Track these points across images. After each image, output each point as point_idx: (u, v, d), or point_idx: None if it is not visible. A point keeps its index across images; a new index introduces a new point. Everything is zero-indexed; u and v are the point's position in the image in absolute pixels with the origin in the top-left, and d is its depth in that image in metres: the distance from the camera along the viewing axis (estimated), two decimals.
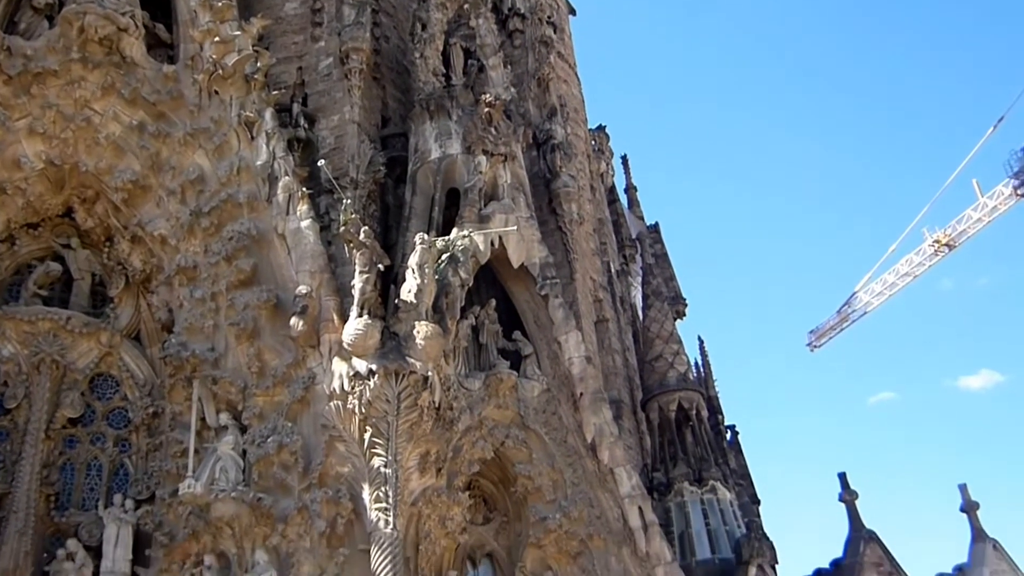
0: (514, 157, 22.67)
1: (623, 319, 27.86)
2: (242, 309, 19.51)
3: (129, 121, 21.11)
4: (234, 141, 20.94)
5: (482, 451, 19.97)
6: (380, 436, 17.80)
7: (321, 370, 18.74)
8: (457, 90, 23.35)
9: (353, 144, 22.50)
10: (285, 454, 18.40)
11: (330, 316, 18.96)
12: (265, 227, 20.22)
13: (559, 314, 21.57)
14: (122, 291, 21.42)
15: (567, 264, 24.55)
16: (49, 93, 20.73)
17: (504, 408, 20.51)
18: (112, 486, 20.04)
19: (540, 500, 20.18)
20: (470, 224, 21.00)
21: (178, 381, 19.81)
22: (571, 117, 28.37)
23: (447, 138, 22.52)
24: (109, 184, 21.04)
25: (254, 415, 18.94)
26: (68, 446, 20.27)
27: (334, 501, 17.78)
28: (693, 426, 24.76)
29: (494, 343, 21.27)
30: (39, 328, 20.45)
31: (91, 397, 20.75)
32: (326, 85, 23.53)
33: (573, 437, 20.90)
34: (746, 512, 24.20)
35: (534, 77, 27.45)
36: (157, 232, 20.87)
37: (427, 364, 18.19)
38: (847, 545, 23.35)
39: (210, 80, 21.27)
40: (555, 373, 21.39)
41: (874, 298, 68.14)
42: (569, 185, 25.75)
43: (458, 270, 19.99)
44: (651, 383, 25.57)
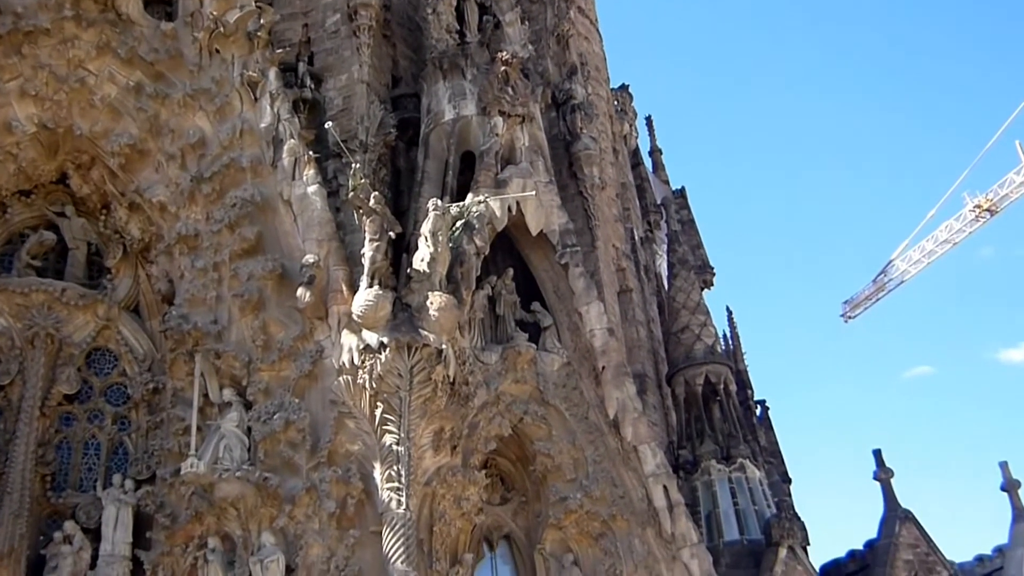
0: (532, 118, 22.62)
1: (647, 289, 27.84)
2: (246, 279, 19.55)
3: (126, 82, 21.11)
4: (236, 102, 20.91)
5: (499, 428, 20.02)
6: (392, 412, 17.88)
7: (329, 343, 18.79)
8: (472, 48, 23.27)
9: (362, 105, 22.49)
10: (292, 431, 18.46)
11: (339, 286, 18.98)
12: (270, 193, 20.21)
13: (580, 284, 21.54)
14: (119, 261, 21.47)
15: (588, 231, 24.54)
16: (41, 53, 20.72)
17: (522, 383, 20.52)
18: (111, 466, 20.17)
19: (560, 479, 20.21)
20: (486, 189, 20.94)
21: (179, 355, 19.88)
22: (592, 76, 28.29)
23: (461, 99, 22.48)
24: (105, 148, 21.05)
25: (259, 391, 18.98)
26: (64, 424, 20.40)
27: (344, 481, 17.86)
28: (721, 401, 24.73)
29: (511, 314, 21.27)
30: (33, 300, 20.53)
31: (88, 373, 20.85)
32: (333, 43, 23.52)
33: (595, 413, 20.90)
34: (776, 491, 24.18)
35: (553, 34, 27.33)
36: (156, 199, 20.87)
37: (441, 337, 18.23)
38: (882, 525, 23.37)
39: (211, 38, 21.21)
40: (576, 346, 21.37)
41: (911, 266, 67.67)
42: (590, 148, 25.65)
43: (473, 238, 19.99)
44: (677, 356, 25.53)
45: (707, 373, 24.92)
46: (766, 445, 26.14)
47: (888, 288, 69.24)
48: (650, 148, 35.65)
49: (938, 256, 66.54)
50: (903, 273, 68.25)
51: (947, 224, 65.72)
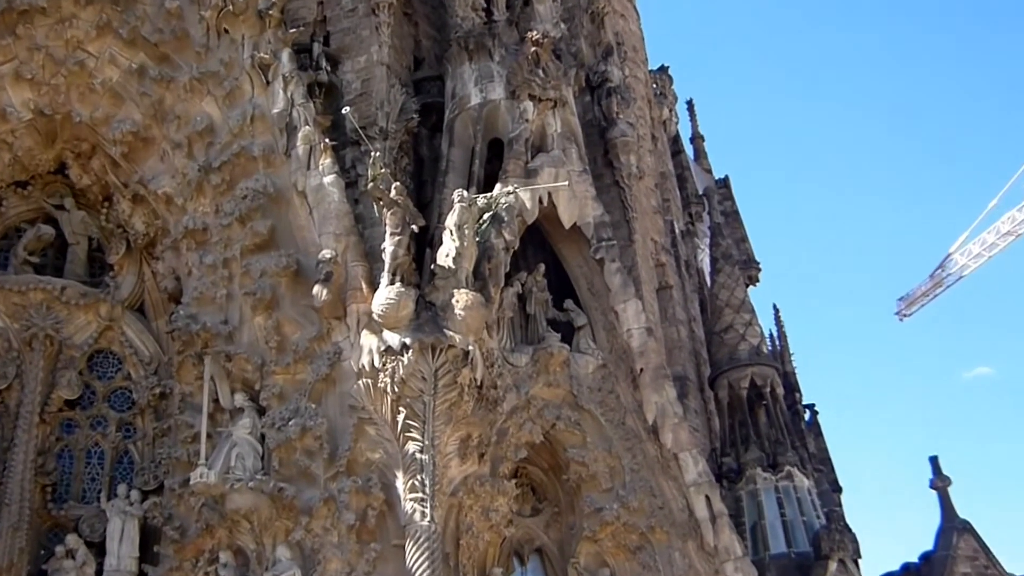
0: (565, 103, 22.64)
1: (688, 285, 27.84)
2: (258, 276, 19.59)
3: (128, 64, 21.24)
4: (247, 86, 20.98)
5: (530, 434, 20.05)
6: (415, 418, 17.92)
7: (348, 345, 18.85)
8: (500, 27, 23.32)
9: (382, 89, 22.49)
10: (309, 439, 18.53)
11: (358, 284, 19.06)
12: (283, 184, 20.27)
13: (616, 280, 21.58)
14: (123, 257, 21.67)
15: (625, 224, 24.47)
16: (37, 33, 20.89)
17: (555, 386, 20.57)
18: (115, 475, 20.37)
19: (595, 489, 20.24)
20: (515, 179, 20.99)
21: (187, 358, 19.98)
22: (629, 57, 28.22)
23: (488, 81, 22.54)
24: (106, 136, 21.21)
25: (273, 395, 19.05)
26: (65, 431, 20.60)
27: (364, 491, 17.91)
28: (767, 405, 24.72)
29: (543, 313, 21.31)
30: (30, 299, 20.70)
31: (90, 376, 21.04)
32: (351, 22, 23.53)
33: (632, 418, 20.94)
34: (826, 501, 24.17)
35: (587, 11, 27.27)
36: (161, 190, 21.01)
37: (467, 337, 18.26)
38: (938, 536, 23.25)
39: (219, 17, 21.26)
40: (612, 347, 21.42)
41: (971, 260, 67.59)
42: (627, 134, 25.56)
43: (502, 231, 20.01)
44: (720, 357, 25.53)
45: (752, 375, 24.90)
46: (815, 452, 26.15)
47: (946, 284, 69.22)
48: (691, 134, 35.74)
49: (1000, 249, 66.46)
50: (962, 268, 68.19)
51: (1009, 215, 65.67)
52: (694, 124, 36.01)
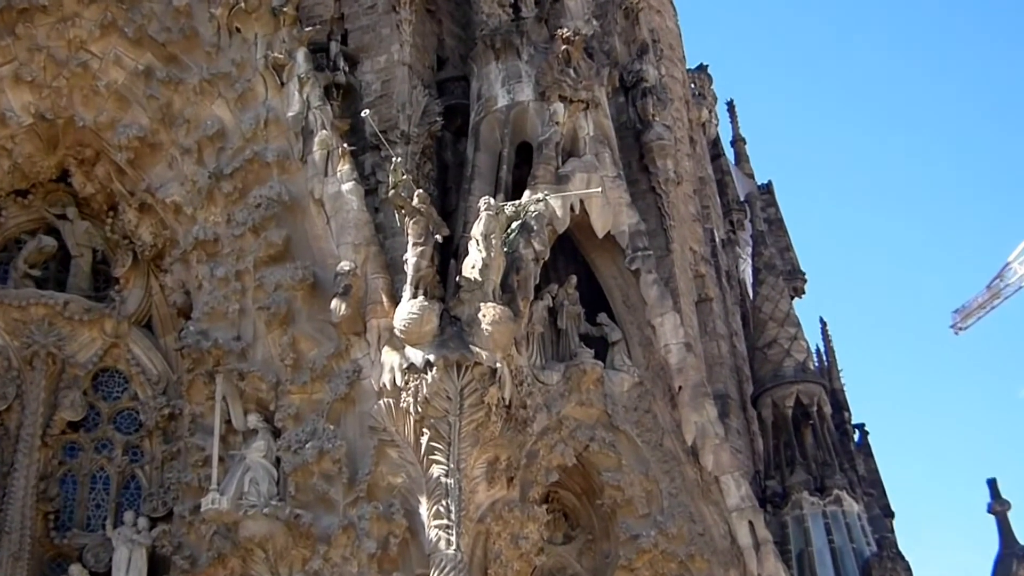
0: (597, 104, 22.78)
1: (730, 298, 27.89)
2: (273, 290, 19.66)
3: (134, 65, 21.37)
4: (260, 88, 21.11)
5: (562, 457, 20.13)
6: (440, 440, 17.99)
7: (368, 362, 18.94)
8: (528, 24, 23.42)
9: (403, 90, 22.72)
10: (327, 462, 18.60)
11: (378, 297, 19.18)
12: (299, 191, 20.39)
13: (653, 292, 21.66)
14: (129, 270, 21.79)
15: (662, 232, 24.60)
16: (38, 33, 21.04)
17: (588, 405, 20.65)
18: (122, 501, 20.52)
19: (631, 514, 20.29)
20: (545, 185, 21.10)
21: (198, 377, 20.09)
22: (665, 55, 28.28)
23: (516, 82, 22.65)
24: (111, 142, 21.34)
25: (289, 416, 19.13)
26: (69, 455, 20.73)
27: (386, 517, 17.99)
28: (814, 425, 24.70)
29: (575, 328, 21.40)
30: (31, 315, 20.84)
31: (95, 397, 21.20)
32: (370, 19, 23.71)
33: (670, 439, 21.01)
34: (877, 526, 24.17)
35: (620, 7, 27.35)
36: (170, 199, 21.09)
37: (495, 354, 18.35)
38: (997, 564, 23.27)
39: (230, 14, 21.37)
40: (648, 363, 21.51)
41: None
42: (664, 137, 25.66)
43: (531, 241, 20.13)
44: (763, 374, 25.52)
45: (798, 393, 24.87)
46: (865, 474, 26.14)
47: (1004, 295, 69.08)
48: (732, 137, 35.75)
49: None
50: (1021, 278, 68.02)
51: None
52: (735, 126, 36.01)
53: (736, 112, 36.14)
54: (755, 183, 34.14)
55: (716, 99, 34.32)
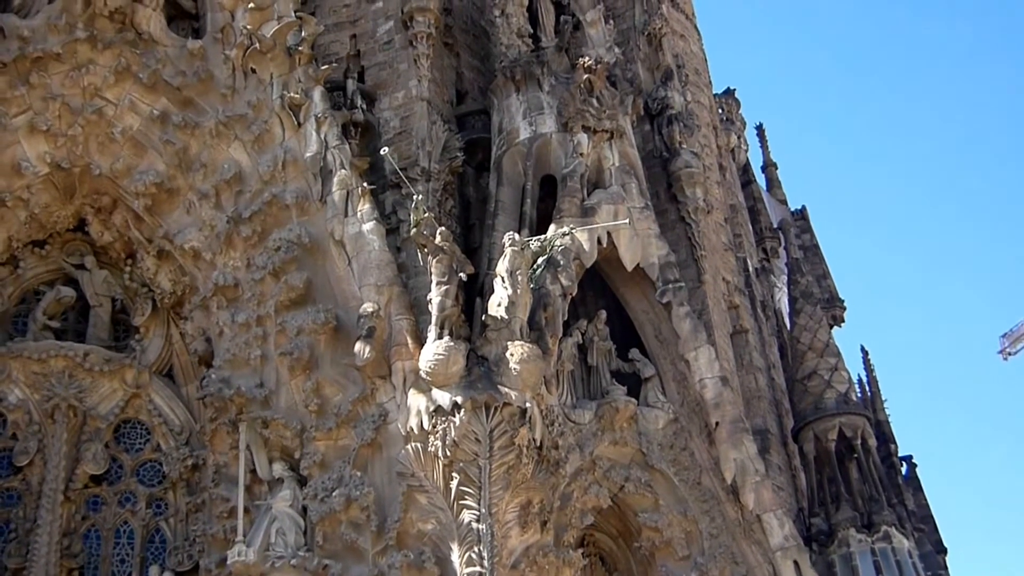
0: (622, 133, 22.83)
1: (766, 329, 27.78)
2: (295, 335, 19.66)
3: (149, 111, 21.52)
4: (277, 129, 21.20)
5: (596, 498, 20.10)
6: (470, 484, 17.93)
7: (394, 406, 18.93)
8: (548, 54, 23.54)
9: (423, 126, 22.80)
10: (355, 510, 18.56)
11: (403, 339, 19.16)
12: (319, 233, 20.41)
13: (686, 326, 21.61)
14: (148, 319, 21.87)
15: (693, 263, 24.58)
16: (52, 82, 21.18)
17: (622, 444, 20.65)
18: (147, 556, 20.49)
19: (671, 557, 20.22)
20: (571, 218, 21.11)
21: (221, 426, 20.07)
22: (691, 80, 28.34)
23: (538, 113, 22.71)
24: (128, 189, 21.44)
25: (315, 463, 19.12)
26: (92, 509, 20.71)
27: (417, 566, 17.89)
28: (859, 459, 24.56)
29: (606, 364, 21.42)
30: (51, 367, 20.90)
31: (117, 449, 21.18)
32: (387, 55, 23.87)
33: (709, 477, 20.93)
34: (929, 564, 24.04)
35: (643, 33, 27.42)
36: (188, 244, 21.17)
37: (524, 393, 18.29)
38: None
39: (245, 56, 21.53)
40: (683, 399, 21.47)
41: None
42: (692, 165, 25.65)
43: (558, 276, 20.10)
44: (804, 407, 25.40)
45: (841, 426, 24.75)
46: (915, 509, 25.96)
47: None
48: (763, 163, 35.75)
49: None
50: None
51: None
52: (765, 151, 36.00)
53: (766, 136, 36.21)
54: (788, 209, 34.09)
55: (745, 124, 34.38)
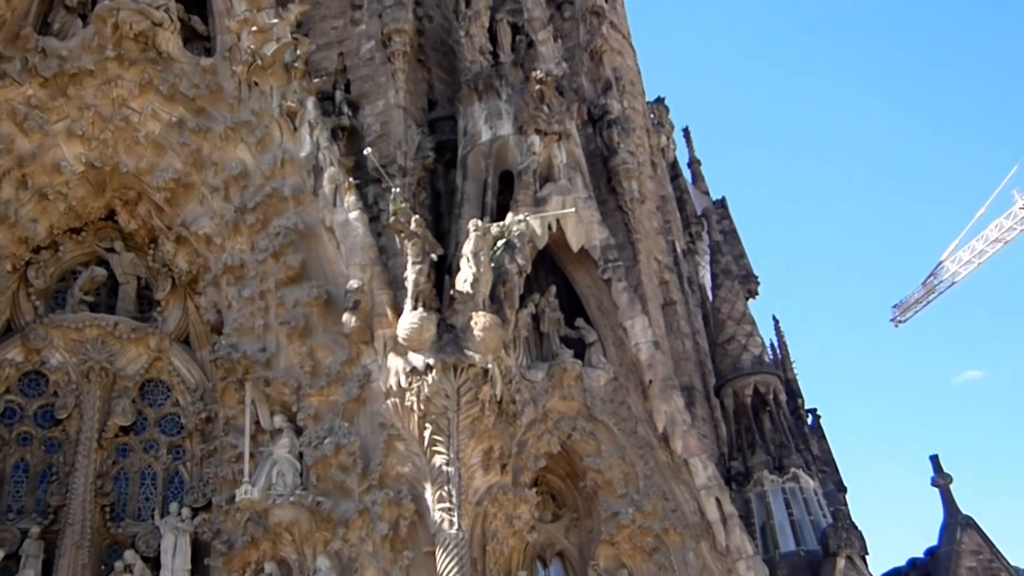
0: (569, 135, 22.68)
1: (692, 301, 27.69)
2: (292, 307, 19.65)
3: (168, 118, 21.37)
4: (276, 133, 21.11)
5: (548, 445, 19.97)
6: (441, 433, 17.88)
7: (376, 367, 18.86)
8: (506, 68, 23.35)
9: (399, 130, 22.63)
10: (343, 455, 18.52)
11: (383, 310, 19.10)
12: (312, 220, 20.38)
13: (623, 298, 21.52)
14: (169, 294, 21.74)
15: (630, 245, 24.45)
16: (86, 93, 21.05)
17: (569, 399, 20.49)
18: (167, 494, 20.39)
19: (611, 494, 20.09)
20: (525, 208, 21.00)
21: (230, 384, 20.02)
22: (627, 90, 28.14)
23: (497, 119, 22.56)
24: (151, 184, 21.32)
25: (309, 416, 19.07)
26: (121, 455, 20.62)
27: (396, 503, 17.89)
28: (771, 411, 24.59)
29: (556, 332, 21.25)
30: (86, 335, 20.85)
31: (142, 404, 21.08)
32: (369, 70, 23.68)
33: (643, 427, 20.82)
34: (831, 501, 23.96)
35: (586, 50, 27.28)
36: (202, 231, 21.09)
37: (486, 356, 18.22)
38: (942, 532, 22.93)
39: (249, 71, 21.44)
40: (622, 360, 21.33)
41: (962, 267, 67.16)
42: (628, 162, 25.55)
43: (515, 256, 20.02)
44: (724, 367, 25.40)
45: (755, 383, 24.79)
46: (819, 454, 25.93)
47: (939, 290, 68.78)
48: (688, 159, 35.39)
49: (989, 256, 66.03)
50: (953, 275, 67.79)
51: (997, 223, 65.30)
52: (691, 149, 35.70)
53: (691, 137, 35.95)
54: (710, 199, 33.92)
55: (673, 127, 34.13)
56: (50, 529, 19.23)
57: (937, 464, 23.83)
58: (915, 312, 70.18)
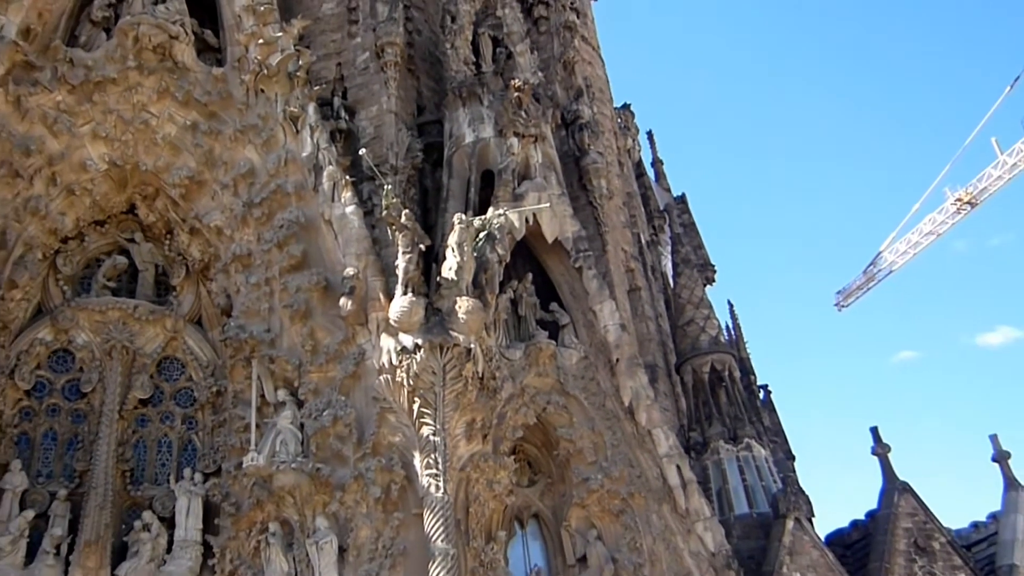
0: (544, 138, 22.60)
1: (655, 287, 27.64)
2: (294, 292, 19.60)
3: (183, 121, 21.26)
4: (280, 135, 21.01)
5: (525, 417, 19.95)
6: (428, 406, 17.86)
7: (370, 346, 18.82)
8: (487, 77, 23.30)
9: (391, 133, 22.58)
10: (340, 426, 18.50)
11: (376, 295, 19.03)
12: (312, 214, 20.30)
13: (593, 285, 21.50)
14: (183, 280, 21.58)
15: (599, 237, 24.42)
16: (109, 99, 20.95)
17: (544, 376, 20.44)
18: (181, 461, 20.25)
19: (582, 462, 20.07)
20: (505, 203, 20.93)
21: (238, 361, 19.94)
22: (597, 97, 28.08)
23: (480, 123, 22.46)
24: (167, 181, 21.19)
25: (309, 390, 19.02)
26: (140, 425, 20.48)
27: (387, 469, 17.88)
28: (726, 387, 24.54)
29: (532, 315, 21.21)
30: (109, 317, 20.71)
31: (159, 379, 20.92)
32: (364, 79, 23.60)
33: (611, 401, 20.81)
34: (781, 468, 23.98)
35: (560, 61, 27.22)
36: (213, 223, 20.98)
37: (469, 337, 18.18)
38: (881, 497, 23.01)
39: (256, 79, 21.36)
40: (591, 341, 21.30)
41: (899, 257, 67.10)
42: (598, 162, 25.50)
43: (495, 247, 19.93)
44: (684, 347, 25.36)
45: (712, 362, 24.75)
46: (770, 426, 25.90)
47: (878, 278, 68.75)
48: (652, 160, 35.24)
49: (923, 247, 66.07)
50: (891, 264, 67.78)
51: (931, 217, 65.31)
52: (654, 151, 35.52)
53: (654, 140, 35.76)
54: (672, 196, 33.77)
55: (638, 130, 34.07)
56: (76, 492, 19.14)
57: (877, 435, 23.92)
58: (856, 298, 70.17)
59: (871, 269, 68.58)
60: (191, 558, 18.63)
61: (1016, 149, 60.22)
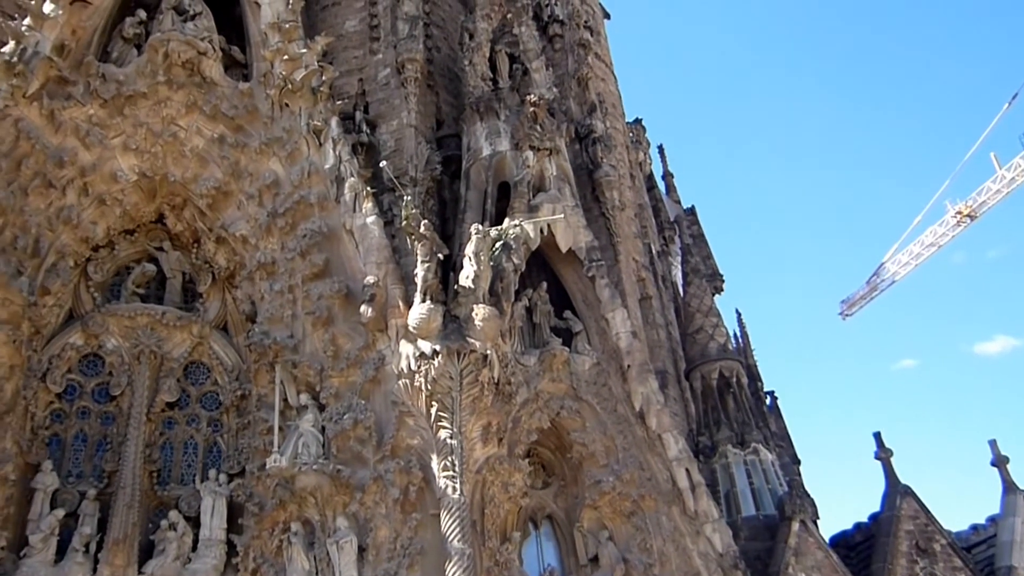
0: (559, 151, 22.56)
1: (665, 296, 27.61)
2: (317, 299, 19.54)
3: (211, 134, 21.23)
4: (304, 148, 20.97)
5: (539, 421, 19.86)
6: (445, 410, 17.79)
7: (390, 352, 18.76)
8: (504, 92, 23.29)
9: (411, 146, 22.65)
10: (360, 429, 18.42)
11: (396, 303, 18.97)
12: (335, 224, 20.23)
13: (605, 293, 21.41)
14: (210, 287, 21.52)
15: (611, 247, 24.37)
16: (140, 113, 20.92)
17: (558, 381, 20.36)
18: (207, 462, 20.14)
19: (594, 465, 19.99)
20: (520, 214, 20.92)
21: (262, 366, 19.87)
22: (610, 112, 28.12)
23: (496, 136, 22.45)
24: (195, 192, 21.16)
25: (331, 395, 18.96)
26: (167, 427, 20.37)
27: (406, 471, 17.78)
28: (734, 393, 24.51)
29: (547, 322, 21.13)
30: (138, 323, 20.62)
31: (186, 383, 20.81)
32: (385, 93, 23.70)
33: (622, 406, 20.72)
34: (787, 472, 23.91)
35: (574, 77, 27.24)
36: (239, 233, 20.93)
37: (486, 343, 18.13)
38: (884, 500, 22.96)
39: (281, 94, 21.33)
40: (604, 348, 21.21)
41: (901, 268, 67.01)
42: (610, 175, 25.48)
43: (511, 256, 19.92)
44: (693, 354, 25.33)
45: (721, 368, 24.74)
46: (776, 431, 25.87)
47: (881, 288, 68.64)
48: (663, 173, 35.17)
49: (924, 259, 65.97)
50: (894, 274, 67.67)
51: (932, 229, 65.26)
52: (664, 164, 35.49)
53: (665, 154, 35.75)
54: (682, 207, 33.78)
55: (649, 144, 34.00)
56: (105, 492, 19.05)
57: (880, 440, 23.85)
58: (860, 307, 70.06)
59: (874, 279, 68.44)
60: (216, 556, 18.51)
61: (1014, 164, 60.10)
